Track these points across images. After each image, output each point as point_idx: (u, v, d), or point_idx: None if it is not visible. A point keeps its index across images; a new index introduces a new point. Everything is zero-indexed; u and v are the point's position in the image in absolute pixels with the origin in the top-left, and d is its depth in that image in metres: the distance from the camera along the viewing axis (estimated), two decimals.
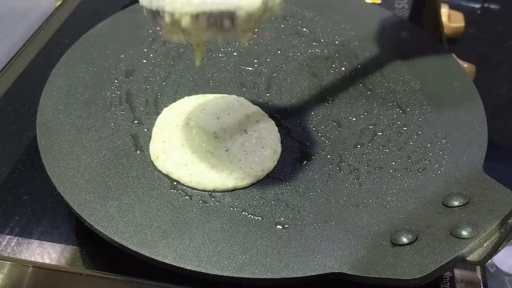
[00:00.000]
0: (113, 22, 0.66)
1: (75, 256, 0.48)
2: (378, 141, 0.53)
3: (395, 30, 0.68)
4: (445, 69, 0.62)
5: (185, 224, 0.44)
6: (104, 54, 0.61)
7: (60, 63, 0.58)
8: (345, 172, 0.50)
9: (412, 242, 0.41)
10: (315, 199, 0.47)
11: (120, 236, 0.42)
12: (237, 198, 0.47)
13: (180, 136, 0.50)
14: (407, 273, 0.38)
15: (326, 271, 0.40)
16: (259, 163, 0.49)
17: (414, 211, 0.45)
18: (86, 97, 0.55)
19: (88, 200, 0.45)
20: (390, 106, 0.57)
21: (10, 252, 0.48)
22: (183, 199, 0.46)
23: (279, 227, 0.44)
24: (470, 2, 1.02)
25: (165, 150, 0.49)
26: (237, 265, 0.41)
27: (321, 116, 0.56)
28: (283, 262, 0.41)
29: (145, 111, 0.55)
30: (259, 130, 0.52)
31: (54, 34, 0.73)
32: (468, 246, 0.39)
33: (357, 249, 0.42)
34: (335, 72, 0.61)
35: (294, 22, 0.69)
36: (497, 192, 0.43)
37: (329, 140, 0.53)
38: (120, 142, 0.51)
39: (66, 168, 0.47)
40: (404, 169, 0.50)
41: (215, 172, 0.47)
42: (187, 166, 0.48)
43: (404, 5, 0.84)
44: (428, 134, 0.54)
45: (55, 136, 0.50)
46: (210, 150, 0.49)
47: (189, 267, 0.40)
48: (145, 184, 0.47)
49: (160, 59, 0.61)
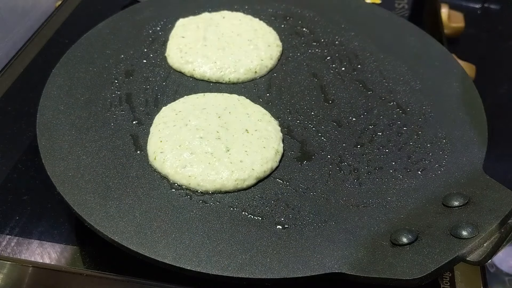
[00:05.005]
0: (113, 22, 0.66)
1: (75, 256, 0.48)
2: (378, 141, 0.53)
3: (395, 30, 0.68)
4: (445, 69, 0.62)
5: (185, 224, 0.44)
6: (104, 54, 0.61)
7: (60, 63, 0.58)
8: (345, 172, 0.50)
9: (412, 242, 0.41)
10: (315, 199, 0.47)
11: (120, 236, 0.42)
12: (237, 198, 0.47)
13: (179, 136, 0.50)
14: (407, 273, 0.38)
15: (326, 271, 0.40)
16: (261, 164, 0.48)
17: (414, 211, 0.45)
18: (86, 97, 0.55)
19: (88, 200, 0.45)
20: (390, 106, 0.57)
21: (10, 252, 0.48)
22: (183, 199, 0.46)
23: (279, 227, 0.44)
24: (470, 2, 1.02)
25: (163, 151, 0.49)
26: (237, 265, 0.41)
27: (321, 116, 0.56)
28: (283, 262, 0.41)
29: (145, 111, 0.55)
30: (261, 129, 0.52)
31: (54, 34, 0.73)
32: (468, 246, 0.39)
33: (357, 249, 0.42)
34: (335, 72, 0.61)
35: (294, 22, 0.69)
36: (497, 192, 0.43)
37: (329, 140, 0.53)
38: (120, 142, 0.51)
39: (66, 168, 0.47)
40: (404, 169, 0.50)
41: (215, 173, 0.47)
42: (185, 168, 0.47)
43: (404, 5, 0.85)
44: (428, 134, 0.54)
45: (55, 136, 0.50)
46: (210, 151, 0.49)
47: (189, 267, 0.40)
48: (145, 184, 0.47)
49: (160, 59, 0.61)
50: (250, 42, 0.62)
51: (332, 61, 0.63)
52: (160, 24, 0.66)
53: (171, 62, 0.61)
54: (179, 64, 0.60)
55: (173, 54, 0.61)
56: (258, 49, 0.61)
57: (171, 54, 0.61)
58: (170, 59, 0.61)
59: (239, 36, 0.63)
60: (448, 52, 0.64)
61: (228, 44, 0.62)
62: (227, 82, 0.59)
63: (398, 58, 0.63)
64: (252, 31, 0.64)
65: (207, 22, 0.65)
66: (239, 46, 0.62)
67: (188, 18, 0.66)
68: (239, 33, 0.64)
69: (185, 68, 0.60)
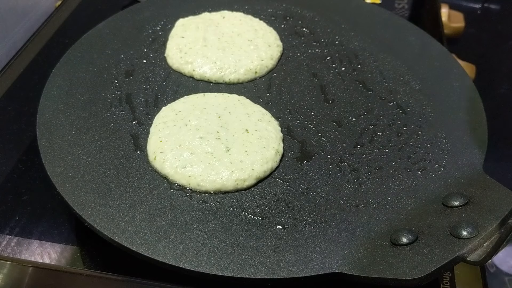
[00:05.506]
0: (113, 22, 0.66)
1: (75, 256, 0.48)
2: (378, 141, 0.53)
3: (395, 30, 0.68)
4: (445, 69, 0.62)
5: (185, 224, 0.44)
6: (104, 54, 0.61)
7: (60, 63, 0.58)
8: (345, 172, 0.50)
9: (412, 242, 0.41)
10: (315, 199, 0.47)
11: (120, 236, 0.42)
12: (237, 198, 0.47)
13: (179, 136, 0.50)
14: (407, 273, 0.38)
15: (326, 271, 0.40)
16: (261, 164, 0.48)
17: (414, 211, 0.45)
18: (86, 97, 0.55)
19: (88, 200, 0.45)
20: (390, 106, 0.57)
21: (10, 252, 0.48)
22: (183, 199, 0.46)
23: (279, 227, 0.44)
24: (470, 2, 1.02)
25: (163, 151, 0.49)
26: (237, 265, 0.41)
27: (321, 116, 0.56)
28: (283, 262, 0.41)
29: (145, 111, 0.55)
30: (261, 129, 0.52)
31: (54, 34, 0.73)
32: (468, 246, 0.39)
33: (357, 249, 0.42)
34: (335, 72, 0.61)
35: (294, 22, 0.69)
36: (497, 192, 0.43)
37: (329, 140, 0.53)
38: (120, 142, 0.51)
39: (66, 168, 0.47)
40: (404, 169, 0.50)
41: (215, 174, 0.47)
42: (185, 168, 0.47)
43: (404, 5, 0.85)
44: (428, 134, 0.54)
45: (55, 136, 0.50)
46: (210, 151, 0.49)
47: (189, 267, 0.40)
48: (145, 184, 0.47)
49: (160, 59, 0.61)
50: (251, 42, 0.62)
51: (332, 61, 0.63)
52: (160, 24, 0.66)
53: (171, 62, 0.61)
54: (179, 64, 0.60)
55: (172, 54, 0.61)
56: (259, 49, 0.61)
57: (171, 54, 0.61)
58: (169, 59, 0.61)
59: (239, 36, 0.63)
60: (448, 52, 0.64)
61: (228, 44, 0.62)
62: (227, 82, 0.59)
63: (398, 58, 0.63)
64: (252, 31, 0.64)
65: (207, 22, 0.65)
66: (239, 46, 0.62)
67: (188, 18, 0.66)
68: (239, 33, 0.64)
69: (185, 69, 0.59)
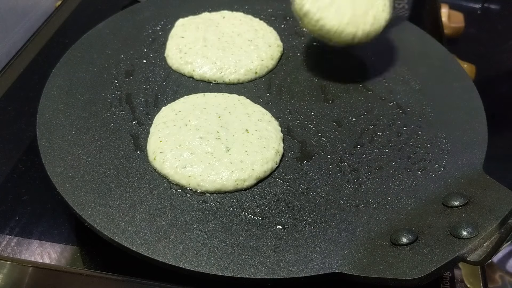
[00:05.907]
0: (113, 22, 0.66)
1: (75, 256, 0.48)
2: (378, 141, 0.53)
3: (395, 30, 0.68)
4: (445, 69, 0.62)
5: (185, 224, 0.44)
6: (104, 54, 0.61)
7: (60, 63, 0.58)
8: (345, 172, 0.50)
9: (412, 242, 0.41)
10: (315, 199, 0.47)
11: (120, 236, 0.42)
12: (237, 198, 0.47)
13: (179, 136, 0.50)
14: (407, 273, 0.38)
15: (326, 271, 0.40)
16: (261, 164, 0.48)
17: (414, 211, 0.45)
18: (86, 97, 0.55)
19: (88, 200, 0.45)
20: (390, 106, 0.57)
21: (10, 252, 0.48)
22: (183, 199, 0.46)
23: (279, 227, 0.44)
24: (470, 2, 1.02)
25: (163, 151, 0.49)
26: (237, 265, 0.41)
27: (321, 116, 0.56)
28: (283, 262, 0.41)
29: (145, 111, 0.55)
30: (261, 129, 0.52)
31: (54, 34, 0.73)
32: (468, 246, 0.39)
33: (357, 249, 0.42)
34: (335, 72, 0.61)
35: (294, 22, 0.69)
36: (497, 192, 0.43)
37: (329, 140, 0.53)
38: (120, 142, 0.51)
39: (66, 168, 0.47)
40: (404, 169, 0.50)
41: (215, 174, 0.47)
42: (185, 168, 0.47)
43: (404, 5, 0.84)
44: (428, 134, 0.54)
45: (55, 136, 0.50)
46: (210, 151, 0.49)
47: (189, 267, 0.40)
48: (145, 184, 0.47)
49: (160, 59, 0.61)
50: (251, 42, 0.62)
51: (332, 61, 0.63)
52: (160, 24, 0.66)
53: (171, 62, 0.61)
54: (179, 64, 0.60)
55: (172, 55, 0.61)
56: (259, 49, 0.61)
57: (171, 54, 0.61)
58: (169, 59, 0.61)
59: (239, 36, 0.63)
60: (448, 52, 0.64)
61: (228, 44, 0.62)
62: (227, 82, 0.59)
63: (398, 58, 0.63)
64: (252, 31, 0.64)
65: (207, 22, 0.65)
66: (240, 46, 0.62)
67: (188, 18, 0.66)
68: (239, 33, 0.64)
69: (185, 69, 0.59)
